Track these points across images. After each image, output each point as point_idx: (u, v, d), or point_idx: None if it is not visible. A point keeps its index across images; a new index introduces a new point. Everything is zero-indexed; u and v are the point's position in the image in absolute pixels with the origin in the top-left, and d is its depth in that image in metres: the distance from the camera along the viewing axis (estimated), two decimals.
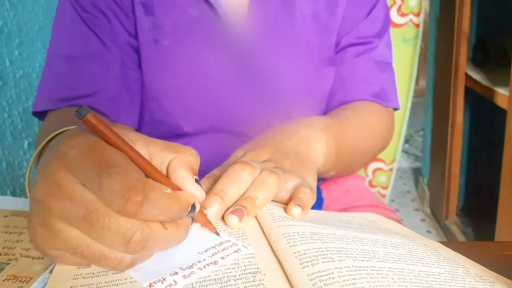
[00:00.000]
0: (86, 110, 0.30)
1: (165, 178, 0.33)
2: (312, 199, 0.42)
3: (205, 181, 0.42)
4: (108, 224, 0.29)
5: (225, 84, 0.63)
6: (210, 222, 0.37)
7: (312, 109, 0.68)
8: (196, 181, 0.34)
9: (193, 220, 0.37)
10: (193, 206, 0.32)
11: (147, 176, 0.32)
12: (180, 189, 0.33)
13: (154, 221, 0.30)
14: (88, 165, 0.29)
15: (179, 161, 0.33)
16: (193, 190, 0.33)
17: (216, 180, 0.41)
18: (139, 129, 0.66)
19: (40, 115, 0.63)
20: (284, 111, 0.65)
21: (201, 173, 0.45)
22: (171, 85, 0.63)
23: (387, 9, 0.71)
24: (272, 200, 0.43)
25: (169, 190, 0.30)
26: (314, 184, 0.48)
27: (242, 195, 0.40)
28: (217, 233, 0.37)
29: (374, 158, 0.73)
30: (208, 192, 0.40)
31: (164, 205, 0.30)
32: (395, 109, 0.73)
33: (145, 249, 0.30)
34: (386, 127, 0.70)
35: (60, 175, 0.30)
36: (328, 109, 0.70)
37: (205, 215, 0.37)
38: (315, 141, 0.53)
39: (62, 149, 0.31)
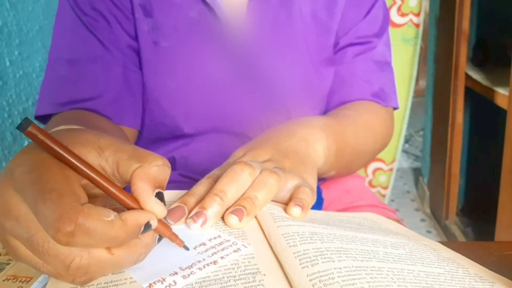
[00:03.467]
0: (28, 122, 0.29)
1: (122, 193, 0.31)
2: (312, 199, 0.42)
3: (205, 181, 0.42)
4: (47, 249, 0.28)
5: (225, 85, 0.63)
6: (176, 236, 0.34)
7: (311, 109, 0.68)
8: (159, 194, 0.31)
9: (194, 219, 0.37)
10: (147, 225, 0.30)
11: (103, 191, 0.31)
12: (138, 204, 0.31)
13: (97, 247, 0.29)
14: (27, 187, 0.29)
15: (140, 173, 0.31)
16: (150, 206, 0.31)
17: (216, 180, 0.41)
18: (140, 130, 0.66)
19: (43, 118, 0.63)
20: (284, 111, 0.65)
21: (202, 173, 0.45)
22: (171, 86, 0.63)
23: (386, 9, 0.71)
24: (272, 200, 0.43)
25: (111, 217, 0.28)
26: (314, 184, 0.48)
27: (242, 195, 0.40)
28: (186, 248, 0.35)
29: (374, 157, 0.73)
30: (208, 192, 0.40)
31: (103, 234, 0.28)
32: (395, 108, 0.73)
33: (90, 274, 0.30)
34: (385, 127, 0.70)
35: (8, 194, 0.29)
36: (327, 109, 0.70)
37: (169, 229, 0.33)
38: (315, 140, 0.53)
39: (10, 166, 0.30)
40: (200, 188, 0.41)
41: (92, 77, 0.60)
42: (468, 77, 1.61)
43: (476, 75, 1.55)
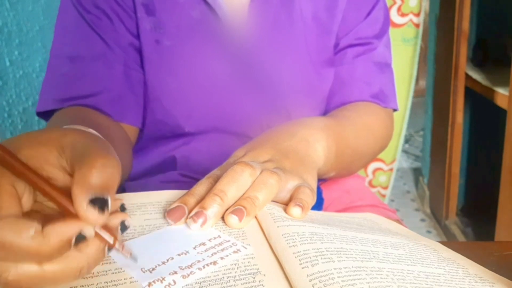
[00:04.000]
0: None
1: (61, 199, 0.29)
2: (312, 200, 0.42)
3: (205, 181, 0.42)
4: None
5: (226, 85, 0.63)
6: (122, 246, 0.31)
7: (311, 110, 0.68)
8: (95, 200, 0.28)
9: (194, 219, 0.37)
10: (79, 236, 0.28)
11: (44, 195, 0.30)
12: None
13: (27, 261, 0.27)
14: None
15: (77, 177, 0.29)
16: (81, 214, 0.28)
17: (216, 180, 0.41)
18: (142, 128, 0.67)
19: (44, 115, 0.63)
20: (284, 111, 0.65)
21: (203, 173, 0.45)
22: (172, 86, 0.63)
23: (386, 10, 0.71)
24: (272, 201, 0.43)
25: (30, 232, 0.26)
26: (314, 184, 0.48)
27: (242, 195, 0.40)
28: (134, 259, 0.32)
29: (373, 158, 0.73)
30: (208, 192, 0.40)
31: (21, 249, 0.26)
32: (394, 110, 0.73)
33: None
34: (385, 128, 0.70)
35: None
36: (327, 109, 0.70)
37: (115, 237, 0.30)
38: (316, 141, 0.53)
39: None
40: (200, 188, 0.41)
41: (94, 74, 0.60)
42: (468, 77, 1.61)
43: (476, 75, 1.55)
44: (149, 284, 0.31)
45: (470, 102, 1.81)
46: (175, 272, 0.32)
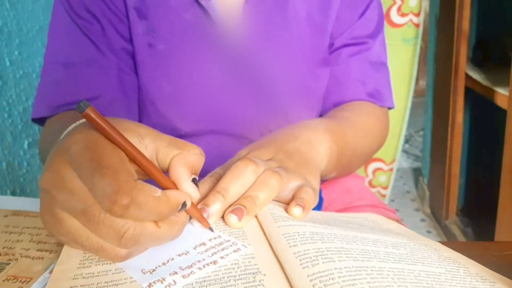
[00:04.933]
0: (86, 104, 0.31)
1: (161, 175, 0.34)
2: (314, 200, 0.42)
3: (208, 179, 0.43)
4: (103, 219, 0.31)
5: (221, 87, 0.63)
6: (203, 218, 0.37)
7: (308, 110, 0.68)
8: (194, 180, 0.35)
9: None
10: (184, 204, 0.33)
11: (145, 172, 0.34)
12: (175, 186, 0.34)
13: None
14: (84, 163, 0.31)
15: (179, 159, 0.34)
16: (187, 189, 0.34)
17: (218, 179, 0.41)
18: None
19: (39, 121, 0.63)
20: (281, 112, 0.65)
21: (201, 174, 0.45)
22: (167, 89, 0.63)
23: (381, 9, 0.71)
24: (274, 200, 0.43)
25: (158, 193, 0.31)
26: (317, 186, 0.48)
27: (243, 194, 0.40)
28: (211, 229, 0.37)
29: (371, 158, 0.73)
30: (210, 190, 0.40)
31: (152, 208, 0.31)
32: (390, 108, 0.73)
33: (138, 245, 0.32)
34: (382, 127, 0.70)
35: (63, 168, 0.32)
36: (323, 109, 0.70)
37: (198, 211, 0.37)
38: (318, 143, 0.53)
39: (66, 144, 0.33)
40: (202, 186, 0.41)
41: (87, 80, 0.60)
42: (468, 77, 1.61)
43: (476, 75, 1.55)
44: (150, 285, 0.31)
45: (470, 102, 1.81)
46: (175, 273, 0.32)
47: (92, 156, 0.31)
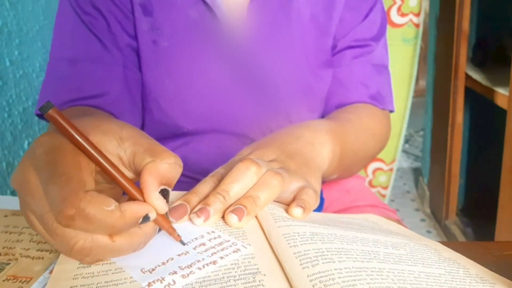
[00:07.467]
0: (50, 105, 0.30)
1: (130, 184, 0.33)
2: (315, 202, 0.42)
3: (209, 179, 0.43)
4: (55, 228, 0.30)
5: (224, 86, 0.63)
6: (173, 230, 0.35)
7: (310, 111, 0.68)
8: (163, 191, 0.33)
9: (198, 214, 0.38)
10: (146, 217, 0.32)
11: (111, 179, 0.33)
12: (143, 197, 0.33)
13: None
14: (42, 168, 0.30)
15: (150, 168, 0.33)
16: (151, 201, 0.32)
17: (220, 178, 0.41)
18: (141, 129, 0.67)
19: (43, 116, 0.63)
20: (283, 112, 0.65)
21: (202, 173, 0.45)
22: (170, 87, 0.63)
23: (384, 13, 0.71)
24: (275, 201, 0.43)
25: (111, 206, 0.30)
26: (318, 187, 0.48)
27: (244, 194, 0.40)
28: (182, 242, 0.36)
29: (372, 160, 0.73)
30: (212, 190, 0.40)
31: (101, 221, 0.29)
32: (390, 111, 0.73)
33: (91, 258, 0.31)
34: (384, 130, 0.70)
35: (28, 171, 0.31)
36: (325, 110, 0.70)
37: (168, 222, 0.35)
38: (320, 145, 0.53)
39: (33, 145, 0.32)
40: (203, 186, 0.41)
41: (92, 76, 0.60)
42: (468, 77, 1.61)
43: (476, 75, 1.55)
44: (149, 284, 0.31)
45: (470, 102, 1.81)
46: (175, 272, 0.32)
47: (50, 161, 0.30)
